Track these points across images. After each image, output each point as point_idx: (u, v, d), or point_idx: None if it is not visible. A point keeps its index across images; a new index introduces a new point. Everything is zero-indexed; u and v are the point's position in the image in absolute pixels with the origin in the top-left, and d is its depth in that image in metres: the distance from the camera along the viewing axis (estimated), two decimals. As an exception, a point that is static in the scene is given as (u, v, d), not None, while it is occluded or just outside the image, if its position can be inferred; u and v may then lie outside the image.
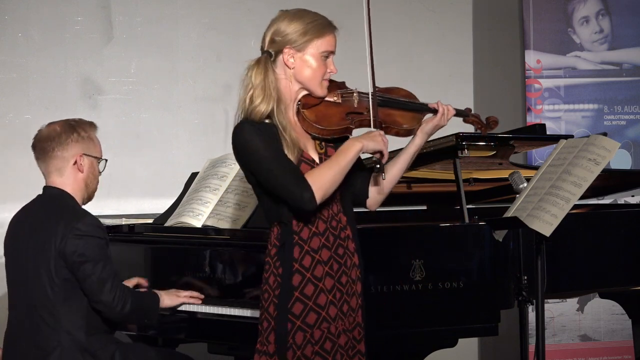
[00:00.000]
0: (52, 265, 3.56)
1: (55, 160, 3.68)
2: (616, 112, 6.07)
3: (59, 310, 3.56)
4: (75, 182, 3.69)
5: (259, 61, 3.29)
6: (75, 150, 3.69)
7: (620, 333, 5.93)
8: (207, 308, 3.90)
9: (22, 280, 3.65)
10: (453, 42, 6.31)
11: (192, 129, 5.81)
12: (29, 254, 3.63)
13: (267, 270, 3.25)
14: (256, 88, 3.23)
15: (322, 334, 3.20)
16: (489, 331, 3.88)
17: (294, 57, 3.25)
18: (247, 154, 3.19)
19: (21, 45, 5.53)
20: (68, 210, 3.63)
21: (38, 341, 3.57)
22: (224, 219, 4.16)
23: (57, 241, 3.55)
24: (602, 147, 3.49)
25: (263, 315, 3.25)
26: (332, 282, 3.23)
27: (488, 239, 3.87)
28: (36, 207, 3.73)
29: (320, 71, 3.27)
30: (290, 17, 3.28)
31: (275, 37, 3.27)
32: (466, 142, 3.98)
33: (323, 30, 3.28)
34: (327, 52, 3.28)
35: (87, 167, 3.70)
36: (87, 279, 3.55)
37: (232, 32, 5.90)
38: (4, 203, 5.45)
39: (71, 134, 3.68)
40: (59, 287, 3.56)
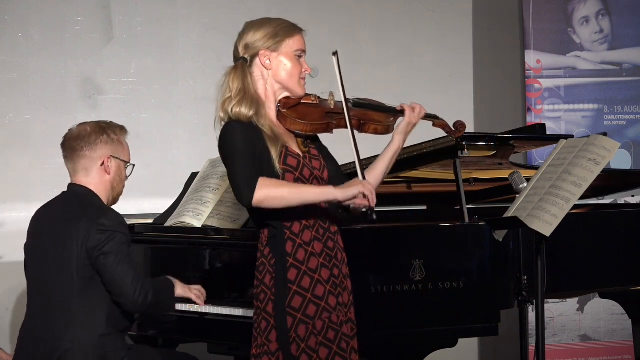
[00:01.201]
0: (75, 262, 3.57)
1: (83, 160, 3.69)
2: (616, 112, 6.07)
3: (75, 309, 3.56)
4: (101, 183, 3.71)
5: (236, 67, 3.38)
6: (104, 152, 3.70)
7: (620, 333, 5.93)
8: (207, 308, 3.90)
9: (41, 277, 3.65)
10: (453, 42, 6.31)
11: (192, 129, 5.81)
12: (51, 251, 3.64)
13: (262, 271, 3.28)
14: (234, 92, 3.31)
15: (324, 324, 3.22)
16: (489, 331, 3.88)
17: (269, 58, 3.35)
18: (225, 147, 3.26)
19: (21, 45, 5.53)
20: (92, 207, 3.65)
21: (51, 340, 3.57)
22: (224, 219, 4.16)
23: (81, 237, 3.57)
24: (602, 147, 3.49)
25: (260, 315, 3.26)
26: (327, 273, 3.26)
27: (488, 239, 3.87)
28: (60, 204, 3.74)
29: (296, 69, 3.36)
30: (258, 25, 3.45)
31: (248, 44, 3.39)
32: (466, 142, 3.98)
33: (292, 32, 3.41)
34: (299, 51, 3.38)
35: (114, 169, 3.72)
36: (109, 272, 3.56)
37: (232, 32, 5.84)
38: (3, 203, 5.46)
39: (101, 135, 3.71)
40: (78, 284, 3.57)
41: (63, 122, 5.55)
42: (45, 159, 5.51)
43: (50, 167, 5.52)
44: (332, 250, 3.30)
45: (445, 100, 6.27)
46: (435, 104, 6.20)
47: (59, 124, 5.53)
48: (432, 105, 6.15)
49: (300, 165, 3.30)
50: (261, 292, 3.27)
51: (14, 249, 5.41)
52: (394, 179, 4.41)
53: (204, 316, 3.90)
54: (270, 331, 3.23)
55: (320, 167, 3.36)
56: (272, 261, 3.25)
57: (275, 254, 3.25)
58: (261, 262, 3.29)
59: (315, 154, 3.39)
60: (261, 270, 3.28)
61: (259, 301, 3.27)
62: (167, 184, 5.49)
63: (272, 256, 3.25)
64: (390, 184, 4.50)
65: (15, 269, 5.35)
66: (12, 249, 5.41)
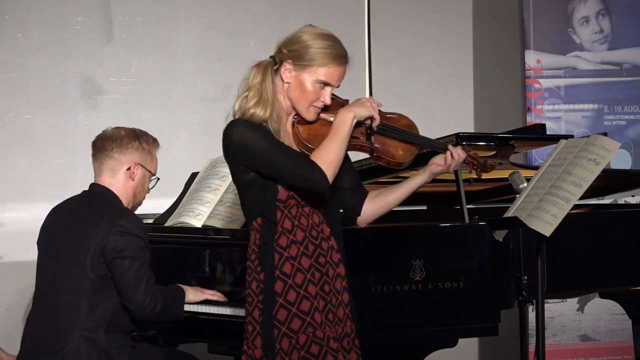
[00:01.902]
0: (89, 260, 3.58)
1: (111, 160, 3.71)
2: (616, 112, 6.07)
3: (83, 305, 3.58)
4: (124, 187, 3.72)
5: (260, 64, 3.29)
6: (133, 157, 3.72)
7: (620, 333, 5.93)
8: (207, 308, 3.90)
9: (53, 272, 3.66)
10: (453, 42, 6.31)
11: (192, 129, 5.81)
12: (66, 246, 3.65)
13: (250, 274, 3.25)
14: (251, 89, 3.25)
15: (308, 339, 3.18)
16: (489, 331, 3.88)
17: (290, 73, 3.24)
18: (243, 148, 3.19)
19: (21, 45, 5.53)
20: (113, 208, 3.66)
21: (57, 335, 3.58)
22: (224, 219, 4.16)
23: (99, 236, 3.57)
24: (602, 147, 3.49)
25: (247, 318, 3.25)
26: (315, 289, 3.21)
27: (488, 239, 3.87)
28: (80, 202, 3.75)
29: (310, 97, 3.24)
30: (308, 34, 3.25)
31: (284, 48, 3.25)
32: (466, 142, 3.98)
33: (331, 61, 3.23)
34: (323, 82, 3.24)
35: (139, 177, 3.73)
36: (123, 275, 3.57)
37: (232, 32, 5.90)
38: (3, 203, 5.46)
39: (134, 140, 3.73)
40: (91, 282, 3.58)
41: (63, 122, 5.57)
42: (45, 159, 5.52)
43: (50, 167, 5.52)
44: (322, 267, 3.24)
45: (445, 100, 6.28)
46: (435, 104, 6.25)
47: (59, 124, 5.54)
48: (432, 105, 6.21)
49: None
50: (249, 296, 3.25)
51: (14, 249, 5.42)
52: (394, 179, 4.41)
53: (204, 316, 3.90)
54: (255, 337, 3.22)
55: None
56: (259, 269, 3.22)
57: (262, 262, 3.21)
58: (248, 265, 3.26)
59: None
60: (249, 273, 3.26)
61: (248, 304, 3.26)
62: (167, 184, 5.48)
63: (258, 263, 3.22)
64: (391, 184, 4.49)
65: (16, 269, 5.37)
66: (12, 249, 5.42)
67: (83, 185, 3.89)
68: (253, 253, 3.24)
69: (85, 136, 5.57)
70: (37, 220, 3.96)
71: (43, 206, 4.21)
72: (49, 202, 4.15)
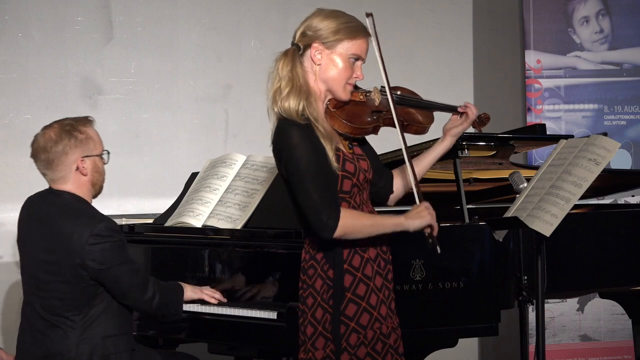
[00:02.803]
0: (70, 272, 3.54)
1: (58, 169, 3.64)
2: (616, 112, 6.07)
3: (75, 314, 3.55)
4: (81, 185, 3.66)
5: (287, 53, 3.23)
6: (76, 156, 3.64)
7: (620, 333, 5.93)
8: (207, 308, 3.90)
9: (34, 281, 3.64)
10: (453, 42, 6.31)
11: (192, 129, 5.81)
12: (39, 256, 3.61)
13: (312, 275, 3.17)
14: (283, 79, 3.17)
15: (375, 335, 3.15)
16: (489, 331, 3.88)
17: (321, 54, 3.19)
18: (289, 159, 3.11)
19: (21, 45, 5.52)
20: (81, 216, 3.59)
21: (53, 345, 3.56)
22: (224, 219, 4.16)
23: (76, 250, 3.52)
24: (602, 147, 3.49)
25: (307, 320, 3.18)
26: (381, 281, 3.19)
27: (488, 239, 3.87)
28: (45, 208, 3.68)
29: (345, 73, 3.21)
30: (325, 15, 3.22)
31: (307, 31, 3.21)
32: (466, 142, 3.98)
33: (355, 33, 3.21)
34: (355, 56, 3.22)
35: (89, 168, 3.66)
36: (115, 283, 3.55)
37: (232, 32, 5.90)
38: (3, 203, 5.45)
39: (68, 140, 3.62)
40: (76, 292, 3.55)
41: (63, 122, 5.57)
42: (45, 159, 5.51)
43: (50, 167, 5.51)
44: (385, 254, 3.24)
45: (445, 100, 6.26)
46: (435, 104, 6.24)
47: (59, 124, 5.54)
48: (432, 105, 6.20)
49: (357, 170, 3.20)
50: (309, 296, 3.18)
51: (14, 249, 5.41)
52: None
53: (204, 316, 3.90)
54: (317, 338, 3.16)
55: (367, 168, 3.26)
56: (326, 266, 3.15)
57: (329, 258, 3.15)
58: (310, 264, 3.18)
59: (360, 153, 3.28)
60: (311, 274, 3.18)
61: (306, 306, 3.18)
62: (167, 184, 5.49)
63: (325, 261, 3.15)
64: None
65: (15, 269, 5.36)
66: (12, 248, 5.42)
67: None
68: (320, 251, 3.16)
69: (85, 136, 5.60)
70: (37, 220, 3.95)
71: (43, 206, 4.20)
72: (49, 202, 4.15)
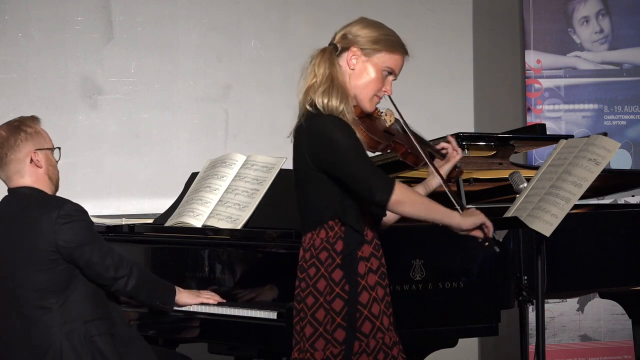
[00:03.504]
0: (43, 259, 3.55)
1: (12, 164, 3.66)
2: (616, 112, 6.08)
3: (53, 305, 3.55)
4: (37, 178, 3.68)
5: (324, 51, 3.18)
6: (28, 149, 3.66)
7: (620, 333, 5.93)
8: (207, 308, 3.90)
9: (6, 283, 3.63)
10: (453, 42, 6.31)
11: (192, 129, 5.81)
12: (11, 255, 3.61)
13: (313, 275, 3.12)
14: (320, 77, 3.12)
15: (377, 344, 3.11)
16: (489, 331, 3.88)
17: (357, 59, 3.16)
18: (328, 141, 3.06)
19: (21, 45, 5.53)
20: (45, 203, 3.62)
21: (34, 339, 3.56)
22: (224, 219, 4.16)
23: (46, 234, 3.54)
24: (602, 147, 3.49)
25: (306, 320, 3.12)
26: (382, 292, 3.15)
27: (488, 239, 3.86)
28: (9, 208, 3.69)
29: (376, 85, 3.18)
30: (368, 23, 3.21)
31: (348, 35, 3.18)
32: (466, 142, 3.98)
33: (395, 47, 3.20)
34: (389, 69, 3.20)
35: (43, 161, 3.69)
36: (89, 262, 3.57)
37: (232, 32, 5.90)
38: (4, 203, 5.45)
39: (18, 134, 3.66)
40: (52, 280, 3.56)
41: (63, 122, 5.57)
42: (45, 159, 5.51)
43: (50, 167, 5.51)
44: (385, 267, 3.18)
45: (445, 100, 6.27)
46: (435, 104, 6.25)
47: (59, 124, 5.54)
48: (432, 105, 6.20)
49: None
50: (309, 296, 3.11)
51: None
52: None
53: (204, 316, 3.90)
54: (316, 339, 3.10)
55: None
56: (330, 267, 3.09)
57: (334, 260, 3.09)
58: (312, 263, 3.12)
59: None
60: (312, 274, 3.12)
61: (305, 305, 3.12)
62: (167, 184, 5.50)
63: (330, 262, 3.10)
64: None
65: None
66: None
67: (83, 185, 3.90)
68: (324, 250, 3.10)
69: (86, 136, 5.61)
70: (37, 220, 3.95)
71: (43, 206, 4.21)
72: (49, 202, 4.15)
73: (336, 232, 3.11)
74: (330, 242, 3.11)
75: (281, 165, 4.15)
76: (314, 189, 3.14)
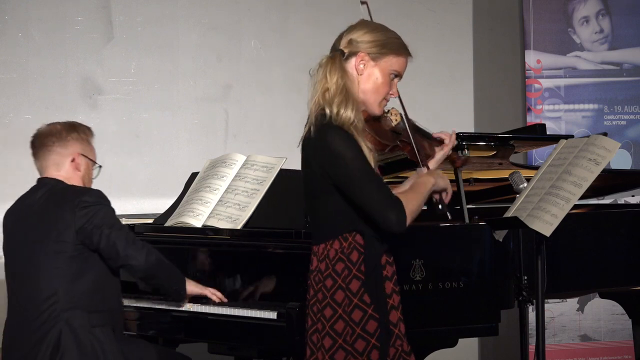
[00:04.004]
0: (61, 245, 3.59)
1: (54, 155, 3.72)
2: (616, 112, 6.07)
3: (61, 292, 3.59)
4: (71, 177, 3.74)
5: (334, 58, 3.15)
6: (74, 148, 3.73)
7: (620, 333, 5.93)
8: (207, 308, 3.90)
9: (24, 270, 3.66)
10: (453, 42, 6.31)
11: (192, 129, 5.82)
12: (32, 241, 3.65)
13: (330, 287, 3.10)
14: (335, 87, 3.10)
15: (397, 352, 3.12)
16: (489, 331, 3.88)
17: (365, 65, 3.16)
18: (338, 160, 3.06)
19: (21, 45, 5.53)
20: (70, 191, 3.67)
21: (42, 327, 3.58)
22: (224, 219, 4.16)
23: (67, 220, 3.59)
24: (602, 147, 3.49)
25: (324, 331, 3.10)
26: (398, 299, 3.16)
27: (488, 239, 3.87)
28: (36, 196, 3.74)
29: (384, 89, 3.19)
30: (372, 27, 3.21)
31: (354, 40, 3.17)
32: (466, 142, 3.98)
33: (401, 50, 3.22)
34: (396, 72, 3.21)
35: (84, 167, 3.74)
36: (107, 242, 3.60)
37: (232, 32, 5.90)
38: (4, 203, 5.43)
39: (72, 132, 3.74)
40: (67, 265, 3.59)
41: (63, 122, 5.57)
42: (45, 159, 5.52)
43: (50, 167, 5.52)
44: (395, 273, 3.19)
45: (445, 100, 6.27)
46: (435, 104, 6.25)
47: (59, 124, 5.55)
48: (432, 105, 6.20)
49: None
50: (327, 307, 3.09)
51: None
52: (394, 179, 4.40)
53: (204, 316, 3.90)
54: (336, 350, 3.08)
55: None
56: (348, 278, 3.08)
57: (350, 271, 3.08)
58: (328, 274, 3.10)
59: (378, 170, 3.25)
60: (329, 285, 3.10)
61: (324, 317, 3.10)
62: (167, 184, 5.50)
63: (347, 273, 3.08)
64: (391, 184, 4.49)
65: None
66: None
67: (83, 185, 3.89)
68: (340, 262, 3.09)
69: (85, 136, 5.61)
70: (37, 220, 3.95)
71: (43, 206, 4.21)
72: (49, 202, 4.15)
73: (350, 243, 3.11)
74: (345, 253, 3.10)
75: (281, 165, 4.15)
76: (326, 201, 3.13)
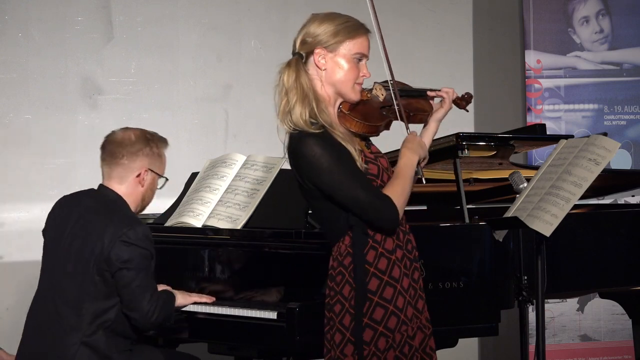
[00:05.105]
0: (92, 265, 3.54)
1: (120, 168, 3.67)
2: (616, 112, 6.08)
3: (86, 310, 3.55)
4: (133, 193, 3.69)
5: (290, 63, 3.20)
6: (142, 163, 3.69)
7: (620, 333, 5.93)
8: (207, 308, 3.90)
9: (57, 268, 3.64)
10: (453, 42, 6.31)
11: (192, 129, 5.81)
12: (71, 247, 3.62)
13: (340, 282, 3.13)
14: (290, 90, 3.14)
15: (402, 338, 3.12)
16: (489, 331, 3.88)
17: (325, 58, 3.17)
18: (316, 170, 3.09)
19: (21, 45, 5.53)
20: (120, 216, 3.61)
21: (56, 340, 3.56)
22: (224, 219, 4.16)
23: (105, 244, 3.53)
24: (602, 147, 3.49)
25: (335, 327, 3.13)
26: (408, 281, 3.16)
27: (488, 239, 3.87)
28: (88, 201, 3.70)
29: (352, 74, 3.19)
30: (321, 19, 3.21)
31: (307, 39, 3.19)
32: (466, 142, 3.98)
33: (355, 32, 3.20)
34: (359, 55, 3.20)
35: (148, 182, 3.71)
36: (127, 285, 3.54)
37: (232, 32, 5.90)
38: (3, 203, 5.46)
39: (144, 146, 3.69)
40: (95, 287, 3.55)
41: (63, 122, 5.57)
42: (45, 159, 5.52)
43: (50, 167, 5.52)
44: (410, 253, 3.20)
45: (445, 100, 6.27)
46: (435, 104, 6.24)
47: (59, 124, 5.55)
48: (432, 105, 6.19)
49: (380, 171, 3.19)
50: (337, 303, 3.13)
51: (14, 249, 5.43)
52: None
53: (204, 316, 3.90)
54: (345, 345, 3.10)
55: (388, 165, 3.24)
56: (354, 273, 3.11)
57: (356, 263, 3.11)
58: (339, 271, 3.13)
59: (377, 151, 3.27)
60: (339, 281, 3.13)
61: (334, 313, 3.13)
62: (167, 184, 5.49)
63: (353, 267, 3.11)
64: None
65: (16, 269, 5.37)
66: (12, 249, 5.42)
67: (83, 185, 3.88)
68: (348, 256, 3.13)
69: (85, 136, 5.60)
70: (37, 221, 3.96)
71: (43, 206, 4.20)
72: (49, 202, 4.13)
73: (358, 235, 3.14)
74: (354, 247, 3.13)
75: (281, 165, 4.14)
76: (324, 204, 3.17)
